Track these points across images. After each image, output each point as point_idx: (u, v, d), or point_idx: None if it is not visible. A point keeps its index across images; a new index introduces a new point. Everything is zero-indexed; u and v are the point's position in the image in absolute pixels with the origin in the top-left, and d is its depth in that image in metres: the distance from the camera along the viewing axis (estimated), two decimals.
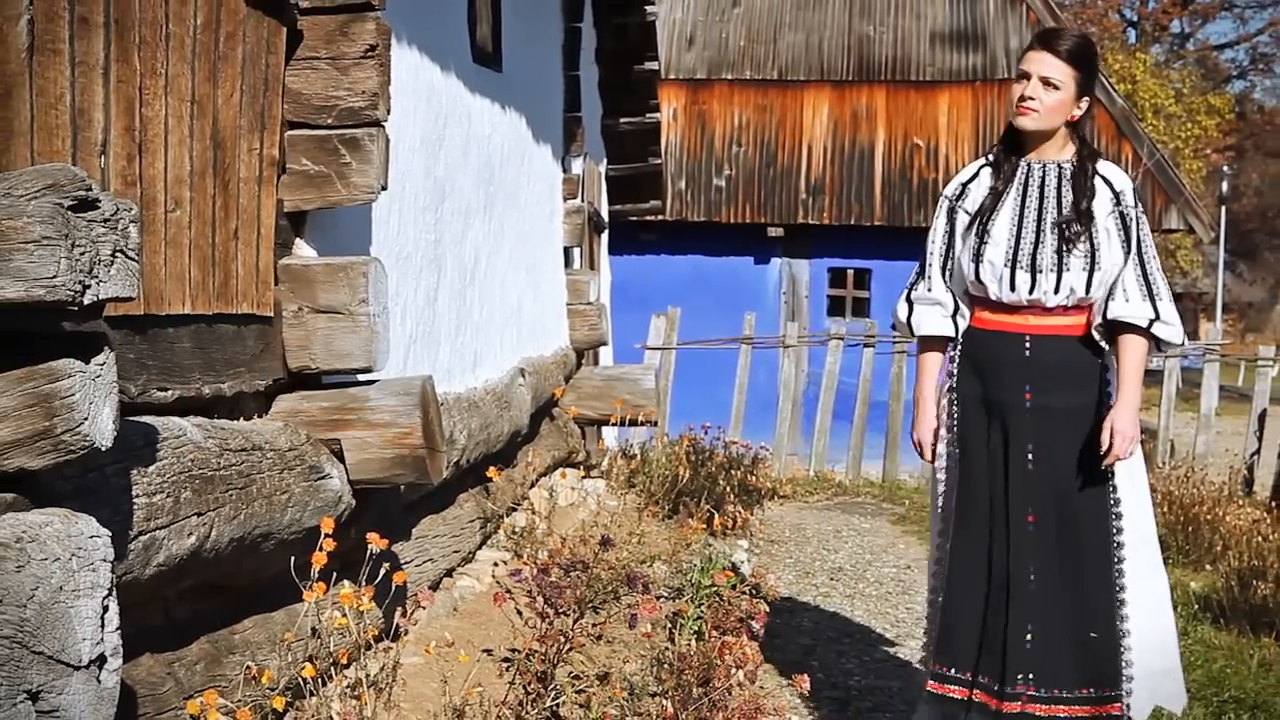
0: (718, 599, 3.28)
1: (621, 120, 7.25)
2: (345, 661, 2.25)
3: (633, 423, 5.20)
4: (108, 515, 1.58)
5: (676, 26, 11.89)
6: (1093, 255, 2.57)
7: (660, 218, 9.69)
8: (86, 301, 1.41)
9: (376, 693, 2.15)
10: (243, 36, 2.23)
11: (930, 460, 2.75)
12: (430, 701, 2.42)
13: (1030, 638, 2.55)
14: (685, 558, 4.11)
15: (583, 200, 5.85)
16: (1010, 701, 2.54)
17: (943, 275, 2.71)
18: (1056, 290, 2.59)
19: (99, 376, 1.48)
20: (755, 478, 6.37)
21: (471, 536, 3.56)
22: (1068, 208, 2.60)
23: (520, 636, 2.55)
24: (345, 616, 2.13)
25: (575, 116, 5.76)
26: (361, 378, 2.54)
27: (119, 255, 1.46)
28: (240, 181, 2.24)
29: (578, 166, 5.85)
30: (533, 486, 4.46)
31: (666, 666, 2.71)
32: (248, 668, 2.04)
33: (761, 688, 2.91)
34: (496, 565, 3.58)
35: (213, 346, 2.13)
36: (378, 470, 2.45)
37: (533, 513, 3.96)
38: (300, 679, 2.08)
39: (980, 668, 2.59)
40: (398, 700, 2.27)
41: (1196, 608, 4.42)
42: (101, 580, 1.44)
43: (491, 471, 3.52)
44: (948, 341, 2.73)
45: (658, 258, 11.61)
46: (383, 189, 2.48)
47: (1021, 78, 2.61)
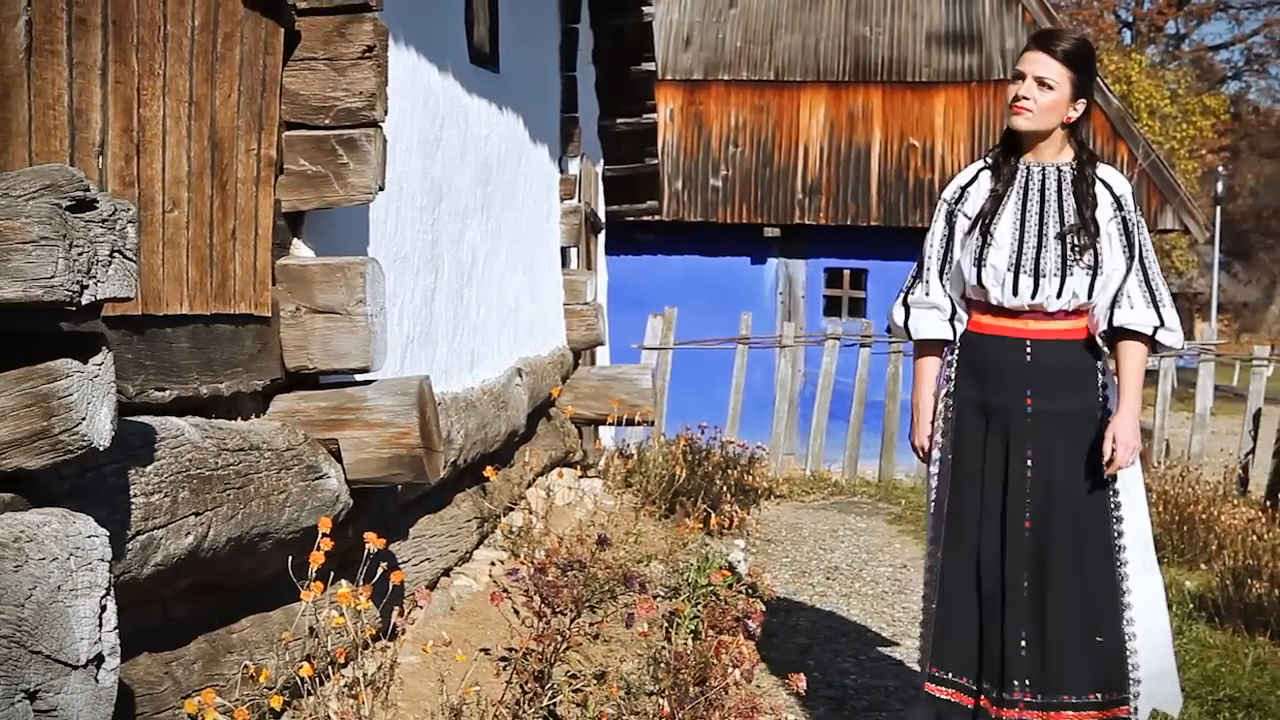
0: (714, 598, 3.29)
1: (618, 121, 7.25)
2: (343, 660, 2.25)
3: (630, 422, 5.20)
4: (105, 515, 1.58)
5: (673, 27, 11.89)
6: (1095, 260, 2.56)
7: (657, 218, 9.69)
8: (84, 301, 1.41)
9: (374, 692, 2.16)
10: (240, 37, 2.23)
11: (929, 464, 2.72)
12: (427, 700, 2.42)
13: (1024, 644, 2.54)
14: (682, 557, 4.11)
15: (580, 201, 5.85)
16: (1008, 708, 2.53)
17: (940, 279, 2.68)
18: (1059, 295, 2.57)
19: (97, 376, 1.48)
20: (752, 477, 6.37)
21: (469, 536, 3.56)
22: (1070, 214, 2.58)
23: (517, 636, 2.55)
24: (343, 616, 2.13)
25: (572, 117, 5.77)
26: (359, 378, 2.54)
27: (117, 255, 1.46)
28: (238, 182, 2.24)
29: (575, 167, 5.85)
30: (530, 486, 4.46)
31: (663, 665, 2.72)
32: (245, 667, 2.04)
33: (758, 686, 2.92)
34: (494, 565, 3.58)
35: (210, 346, 2.13)
36: (375, 470, 2.45)
37: (530, 512, 3.96)
38: (298, 678, 2.08)
39: (982, 675, 2.58)
40: (395, 699, 2.27)
41: (1191, 607, 4.43)
42: (99, 580, 1.44)
43: (489, 471, 3.52)
44: (945, 345, 2.71)
45: (654, 258, 11.61)
46: (380, 189, 2.49)
47: (1017, 78, 2.60)
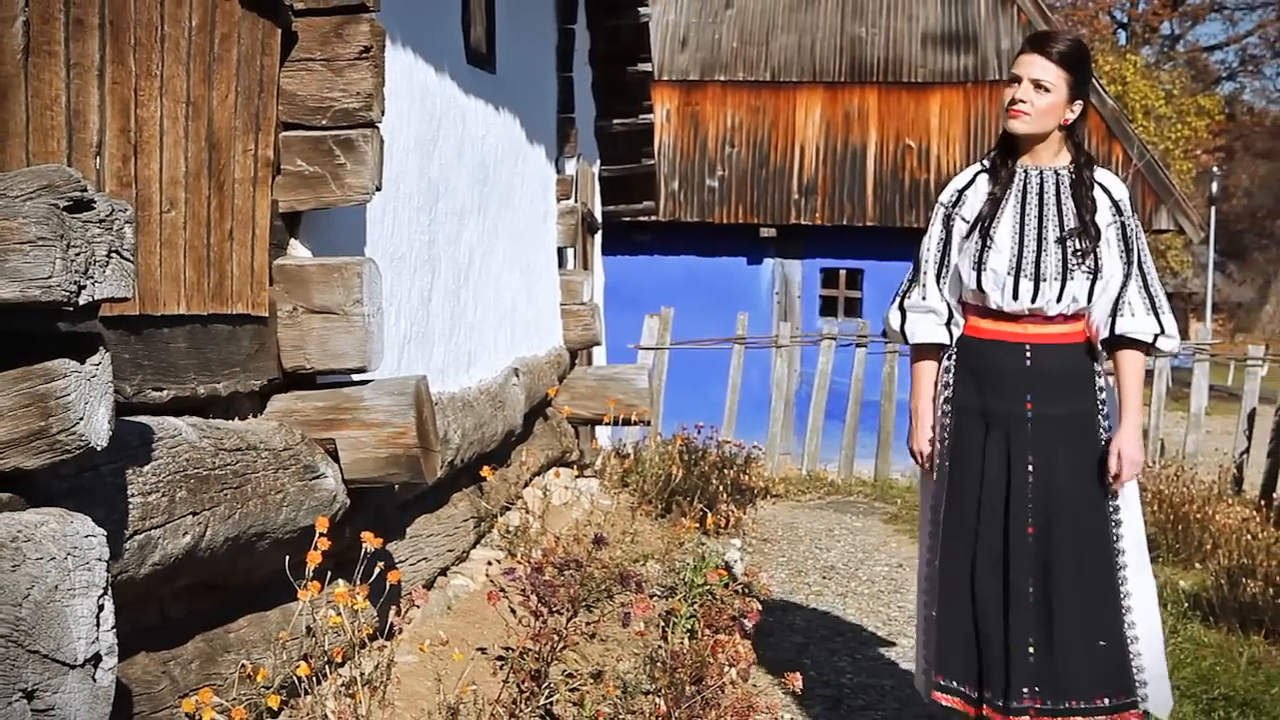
0: (711, 598, 3.30)
1: (615, 121, 7.25)
2: (340, 660, 2.25)
3: (626, 422, 5.21)
4: (103, 514, 1.58)
5: (670, 28, 11.90)
6: (1096, 265, 2.55)
7: (653, 218, 9.70)
8: (82, 302, 1.41)
9: (371, 691, 2.16)
10: (238, 38, 2.23)
11: (928, 469, 2.70)
12: (425, 700, 2.42)
13: (1031, 650, 2.52)
14: (678, 556, 4.12)
15: (576, 201, 5.86)
16: (1017, 716, 2.51)
17: (937, 282, 2.66)
18: (1059, 299, 2.56)
19: (94, 376, 1.48)
20: (748, 477, 6.38)
21: (466, 535, 3.57)
22: (1070, 218, 2.57)
23: (514, 635, 2.56)
24: (340, 615, 2.14)
25: (569, 118, 5.77)
26: (356, 378, 2.55)
27: (114, 256, 1.47)
28: (235, 182, 2.24)
29: (571, 167, 5.85)
30: (527, 486, 4.47)
31: (660, 665, 2.73)
32: (243, 666, 2.04)
33: (754, 686, 2.93)
34: (491, 564, 3.59)
35: (208, 346, 2.14)
36: (372, 470, 2.45)
37: (527, 512, 3.97)
38: (295, 677, 2.08)
39: (985, 684, 2.56)
40: (392, 698, 2.27)
41: (1186, 606, 4.45)
42: (97, 579, 1.44)
43: (486, 471, 3.53)
44: (941, 350, 2.69)
45: (651, 258, 11.61)
46: (377, 190, 2.49)
47: (1013, 81, 2.58)
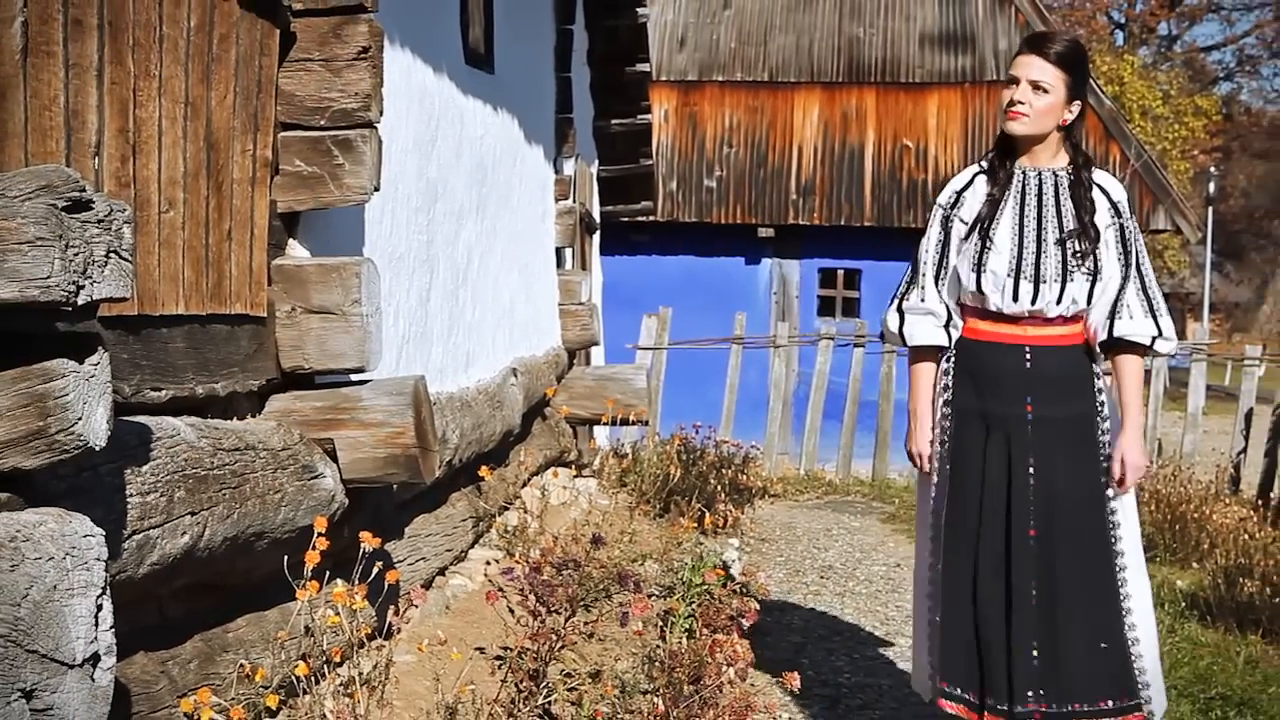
0: (709, 597, 3.30)
1: (613, 122, 7.26)
2: (338, 659, 2.25)
3: (624, 422, 5.21)
4: (102, 514, 1.58)
5: (668, 28, 11.91)
6: (1095, 266, 2.55)
7: (651, 218, 9.70)
8: (80, 302, 1.42)
9: (369, 690, 2.16)
10: (236, 39, 2.23)
11: (928, 471, 2.68)
12: (423, 699, 2.43)
13: (1035, 654, 2.51)
14: (676, 556, 4.13)
15: (574, 201, 5.86)
16: None
17: (936, 284, 2.64)
18: (1059, 301, 2.55)
19: (93, 376, 1.49)
20: (746, 477, 6.38)
21: (464, 535, 3.57)
22: (1069, 219, 2.56)
23: (512, 634, 2.56)
24: (338, 615, 2.14)
25: (567, 118, 5.78)
26: (354, 378, 2.55)
27: (113, 256, 1.47)
28: (234, 182, 2.25)
29: (569, 168, 5.86)
30: (525, 485, 4.47)
31: (658, 664, 2.73)
32: (241, 666, 2.05)
33: (752, 685, 2.93)
34: (489, 564, 3.59)
35: (206, 346, 2.14)
36: (370, 469, 2.46)
37: (525, 511, 3.97)
38: (293, 677, 2.08)
39: (986, 690, 2.54)
40: (390, 698, 2.28)
41: (1183, 606, 4.46)
42: (95, 579, 1.44)
43: (484, 471, 3.53)
44: (940, 352, 2.67)
45: (649, 258, 11.62)
46: (375, 190, 2.49)
47: (1010, 82, 2.57)
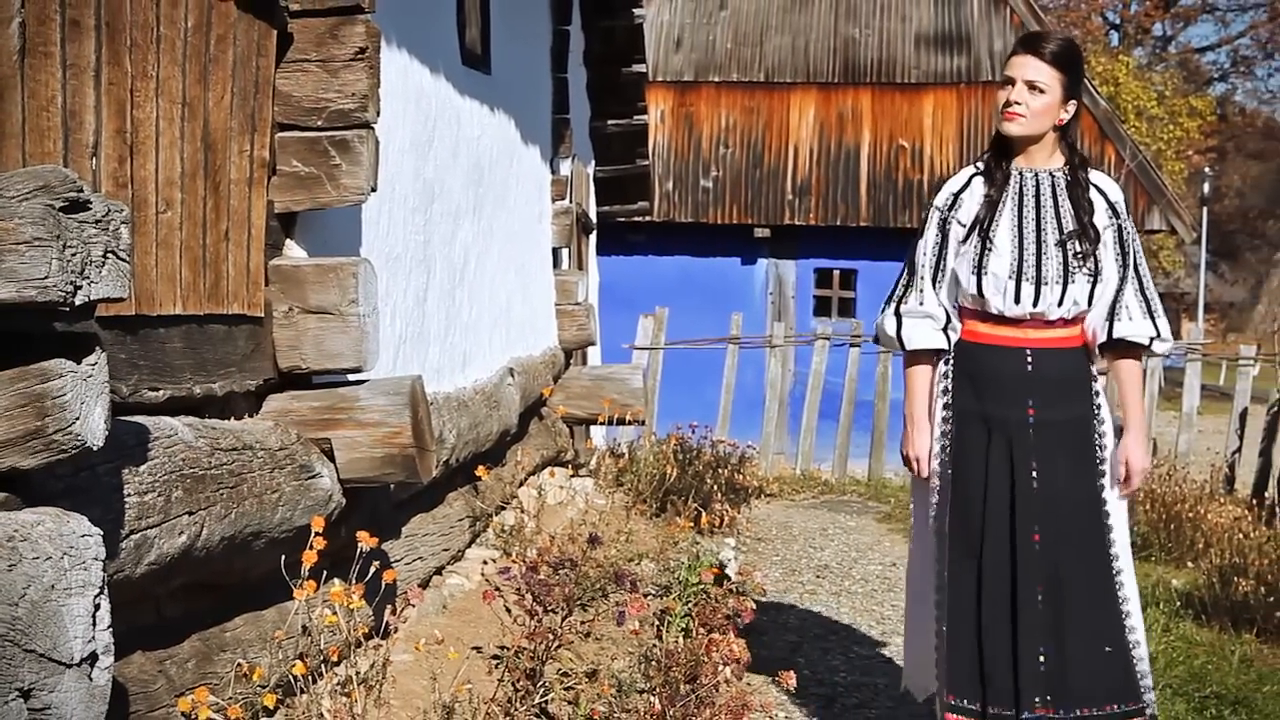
0: (705, 596, 3.31)
1: (609, 122, 7.26)
2: (336, 659, 2.26)
3: (621, 422, 5.22)
4: (99, 514, 1.59)
5: (664, 29, 11.92)
6: (1096, 267, 2.54)
7: (648, 219, 9.71)
8: (78, 302, 1.42)
9: (366, 690, 2.17)
10: (233, 39, 2.24)
11: (924, 476, 2.64)
12: (420, 698, 2.43)
13: (1042, 659, 2.48)
14: (673, 556, 4.13)
15: (571, 201, 5.87)
16: None
17: (934, 287, 2.61)
18: (1060, 303, 2.53)
19: (90, 376, 1.49)
20: (742, 476, 6.39)
21: (461, 535, 3.57)
22: (1068, 220, 2.55)
23: (509, 634, 2.56)
24: (336, 614, 2.14)
25: (563, 118, 5.78)
26: (351, 377, 2.55)
27: (110, 256, 1.47)
28: (231, 183, 2.25)
29: (566, 168, 5.86)
30: (521, 485, 4.47)
31: (654, 663, 2.73)
32: (239, 665, 2.05)
33: (748, 684, 2.94)
34: (486, 563, 3.59)
35: (204, 346, 2.14)
36: (368, 469, 2.46)
37: (521, 511, 3.97)
38: (291, 676, 2.09)
39: (990, 698, 2.51)
40: (388, 697, 2.28)
41: (1179, 604, 4.47)
42: (93, 579, 1.45)
43: (481, 470, 3.53)
44: (937, 355, 2.64)
45: (645, 258, 11.63)
46: (372, 190, 2.50)
47: (1006, 83, 2.56)
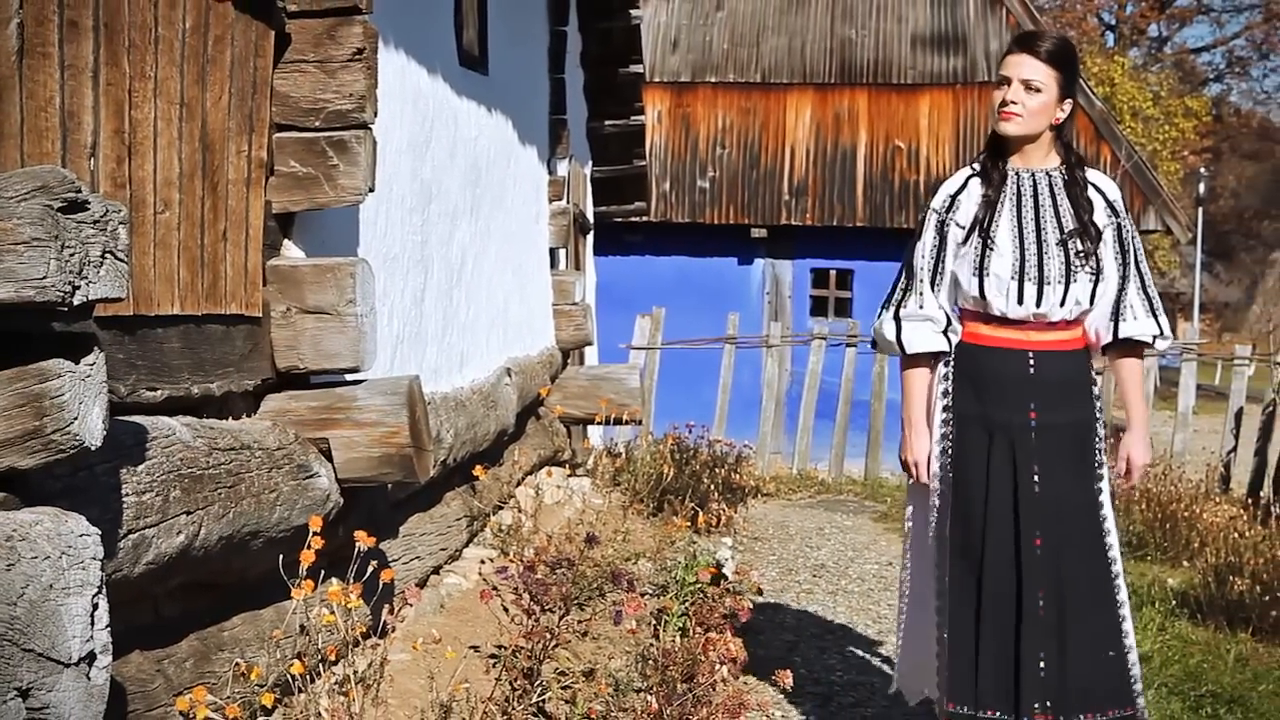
0: (702, 596, 3.31)
1: (606, 123, 7.27)
2: (333, 658, 2.26)
3: (618, 422, 5.23)
4: (97, 514, 1.59)
5: (661, 30, 11.92)
6: (1098, 266, 2.53)
7: (645, 219, 9.71)
8: (76, 302, 1.42)
9: (364, 689, 2.17)
10: (231, 40, 2.24)
11: (923, 481, 2.61)
12: (417, 698, 2.44)
13: (1043, 665, 2.46)
14: (670, 555, 4.14)
15: (568, 202, 5.87)
16: None
17: (933, 290, 2.59)
18: (1063, 303, 2.51)
19: (88, 376, 1.49)
20: (739, 476, 6.40)
21: (458, 534, 3.58)
22: (1068, 219, 2.53)
23: (507, 633, 2.56)
24: (333, 614, 2.14)
25: (561, 119, 5.78)
26: (349, 377, 2.56)
27: (108, 256, 1.48)
28: (229, 183, 2.25)
29: (563, 169, 5.86)
30: (519, 485, 4.48)
31: (651, 662, 2.74)
32: (237, 664, 2.05)
33: (745, 683, 2.94)
34: (483, 563, 3.60)
35: (201, 347, 2.14)
36: (365, 469, 2.46)
37: (519, 511, 3.98)
38: (289, 675, 2.09)
39: (991, 704, 2.49)
40: (385, 696, 2.28)
41: (1174, 604, 4.48)
42: (91, 578, 1.45)
43: (478, 470, 3.54)
44: (935, 358, 2.61)
45: (642, 259, 11.63)
46: (370, 191, 2.50)
47: (1002, 83, 2.54)
